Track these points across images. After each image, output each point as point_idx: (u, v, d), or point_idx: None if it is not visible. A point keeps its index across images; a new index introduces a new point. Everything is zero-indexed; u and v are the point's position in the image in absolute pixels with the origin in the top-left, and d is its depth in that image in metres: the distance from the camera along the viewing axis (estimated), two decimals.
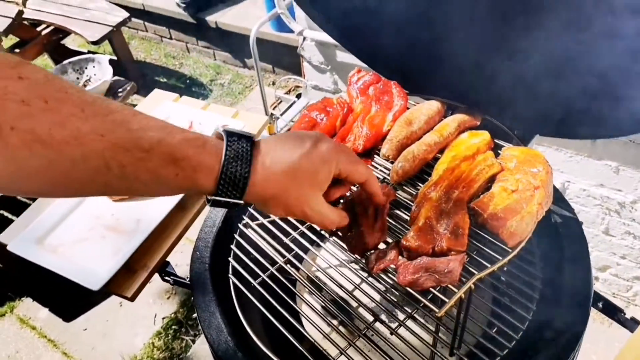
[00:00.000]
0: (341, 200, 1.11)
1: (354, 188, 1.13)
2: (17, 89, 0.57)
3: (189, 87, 4.69)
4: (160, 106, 1.91)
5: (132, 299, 1.36)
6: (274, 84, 4.49)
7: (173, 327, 2.84)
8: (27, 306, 3.05)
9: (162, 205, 1.52)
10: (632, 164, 1.95)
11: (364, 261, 1.04)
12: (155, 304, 2.97)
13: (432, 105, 1.29)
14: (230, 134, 0.75)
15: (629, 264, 2.31)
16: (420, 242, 0.98)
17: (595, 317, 2.35)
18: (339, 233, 1.10)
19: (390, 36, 1.36)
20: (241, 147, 0.74)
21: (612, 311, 1.17)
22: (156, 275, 1.49)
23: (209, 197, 0.75)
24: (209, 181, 0.72)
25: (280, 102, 4.03)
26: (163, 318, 2.89)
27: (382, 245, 1.06)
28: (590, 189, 2.14)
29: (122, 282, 1.38)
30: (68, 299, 3.00)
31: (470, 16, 1.20)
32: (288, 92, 4.30)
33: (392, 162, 1.20)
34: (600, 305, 1.18)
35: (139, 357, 2.71)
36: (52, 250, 1.46)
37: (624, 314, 1.15)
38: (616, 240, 2.26)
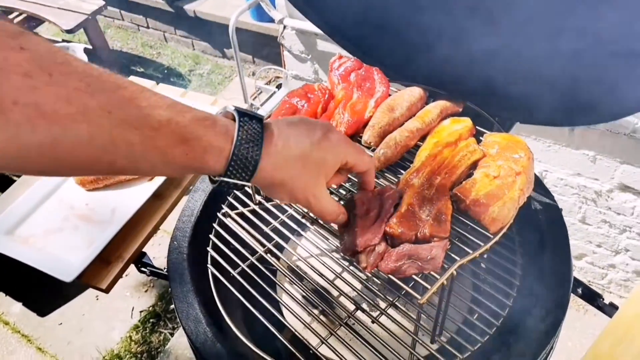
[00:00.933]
0: (341, 201, 1.10)
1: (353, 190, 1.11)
2: (19, 61, 0.53)
3: (167, 77, 4.61)
4: None
5: (106, 290, 1.32)
6: (254, 74, 4.44)
7: (151, 320, 2.79)
8: (0, 301, 2.96)
9: (138, 195, 1.48)
10: (608, 153, 1.98)
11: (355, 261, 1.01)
12: (133, 297, 2.92)
13: (414, 92, 1.28)
14: (242, 114, 0.73)
15: (605, 252, 2.36)
16: (403, 229, 0.96)
17: (571, 305, 2.39)
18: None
19: (373, 23, 1.35)
20: (253, 128, 0.72)
21: (591, 297, 1.19)
22: (133, 268, 1.45)
23: (214, 178, 0.73)
24: (219, 163, 0.70)
25: (261, 92, 3.98)
26: (141, 311, 2.85)
27: None
28: (568, 178, 2.17)
29: (96, 274, 1.34)
30: (42, 293, 2.93)
31: (452, 4, 1.19)
32: (268, 83, 4.26)
33: (373, 149, 1.18)
34: (579, 291, 1.19)
35: (116, 351, 2.67)
36: (23, 241, 1.41)
37: (603, 299, 1.17)
38: (592, 228, 2.30)
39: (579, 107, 1.19)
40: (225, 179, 0.72)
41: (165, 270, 1.30)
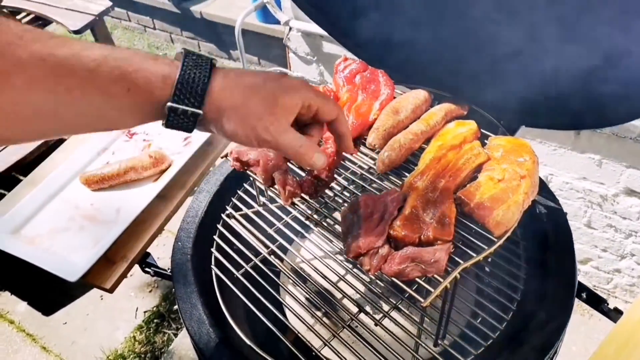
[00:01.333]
0: (345, 204, 1.09)
1: (358, 192, 1.11)
2: None
3: None
4: None
5: (110, 290, 1.32)
6: None
7: (155, 320, 2.80)
8: (5, 300, 2.98)
9: (142, 196, 1.49)
10: (614, 157, 1.97)
11: (358, 263, 1.01)
12: (137, 297, 2.93)
13: (419, 95, 1.27)
14: (189, 52, 0.72)
15: (610, 257, 2.34)
16: (406, 232, 0.96)
17: (576, 309, 2.38)
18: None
19: (379, 25, 1.35)
20: (200, 59, 0.71)
21: (596, 302, 1.18)
22: (138, 269, 1.46)
23: (167, 108, 0.69)
24: (165, 90, 0.68)
25: None
26: (145, 312, 2.85)
27: None
28: (573, 182, 2.16)
29: (101, 274, 1.34)
30: (47, 293, 2.95)
31: (459, 8, 1.19)
32: None
33: (378, 152, 1.19)
34: (584, 295, 1.18)
35: (120, 351, 2.67)
36: (29, 241, 1.42)
37: (607, 304, 1.16)
38: (598, 233, 2.28)
39: (585, 111, 1.18)
40: (173, 104, 0.68)
41: (169, 270, 1.31)
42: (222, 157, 1.24)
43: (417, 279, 0.96)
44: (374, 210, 1.03)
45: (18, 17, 4.08)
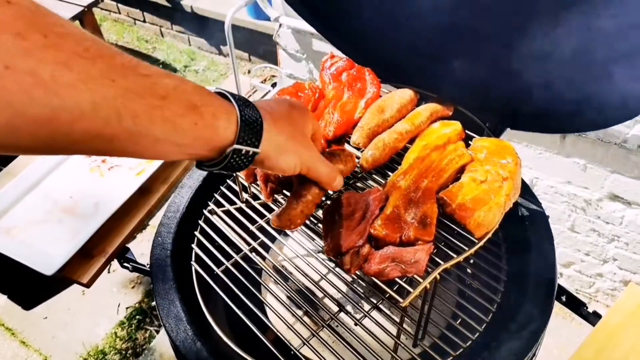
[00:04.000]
0: (328, 201, 1.08)
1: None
2: (8, 18, 0.46)
3: None
4: None
5: (87, 285, 1.30)
6: (249, 72, 4.42)
7: (137, 317, 2.77)
8: None
9: (123, 189, 1.46)
10: (599, 162, 1.98)
11: (338, 262, 0.99)
12: (119, 293, 2.89)
13: (405, 94, 1.27)
14: (225, 91, 0.71)
15: (593, 261, 2.36)
16: (387, 231, 0.95)
17: (558, 312, 2.39)
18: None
19: (368, 24, 1.34)
20: (239, 96, 0.70)
21: (575, 305, 1.18)
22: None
23: (231, 150, 0.67)
24: (229, 129, 0.66)
25: (256, 90, 3.94)
26: (127, 308, 2.82)
27: None
28: (558, 185, 2.17)
29: (78, 268, 1.32)
30: (27, 286, 2.90)
31: (446, 7, 1.18)
32: (264, 81, 4.24)
33: (362, 150, 1.17)
34: (563, 299, 1.19)
35: (100, 347, 2.64)
36: (5, 232, 1.39)
37: (587, 307, 1.16)
38: (581, 237, 2.30)
39: (570, 115, 1.18)
40: (238, 146, 0.67)
41: (149, 266, 1.29)
42: None
43: (398, 279, 0.95)
44: (356, 208, 1.02)
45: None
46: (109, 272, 2.98)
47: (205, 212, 1.32)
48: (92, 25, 4.15)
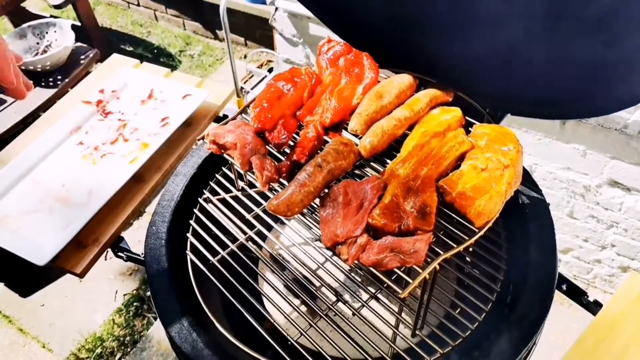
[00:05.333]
0: (326, 189, 1.06)
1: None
2: None
3: (156, 57, 4.51)
4: (119, 72, 1.80)
5: (81, 275, 1.28)
6: (245, 57, 4.36)
7: (134, 304, 2.76)
8: None
9: (116, 177, 1.43)
10: (599, 148, 1.96)
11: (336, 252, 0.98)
12: (117, 280, 2.88)
13: (404, 79, 1.24)
14: None
15: (591, 247, 2.35)
16: (386, 221, 0.93)
17: (556, 298, 2.39)
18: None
19: (364, 6, 1.30)
20: None
21: (576, 294, 1.17)
22: None
23: None
24: None
25: (252, 76, 3.90)
26: (124, 295, 2.81)
27: None
28: (557, 172, 2.15)
29: (72, 258, 1.30)
30: (24, 274, 2.89)
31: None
32: (260, 66, 4.18)
33: (360, 137, 1.15)
34: (564, 287, 1.17)
35: (98, 334, 2.63)
36: None
37: (587, 296, 1.15)
38: (580, 223, 2.29)
39: (571, 101, 1.16)
40: None
41: (143, 255, 1.27)
42: (199, 140, 1.20)
43: (397, 269, 0.93)
44: (354, 197, 1.00)
45: None
46: (105, 259, 2.96)
47: (201, 200, 1.30)
48: (85, 9, 4.07)
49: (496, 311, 1.06)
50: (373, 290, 1.12)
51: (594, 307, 1.12)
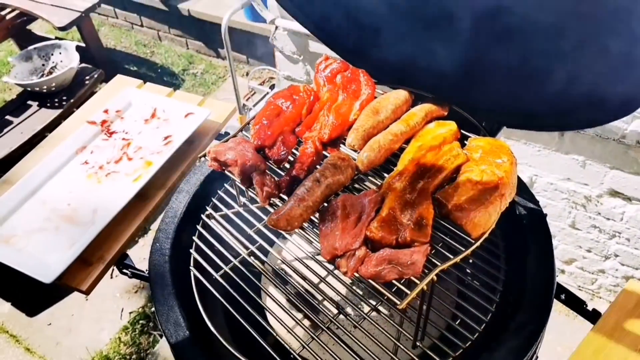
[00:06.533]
0: (325, 204, 1.08)
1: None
2: None
3: (160, 76, 4.58)
4: (122, 92, 1.84)
5: (87, 292, 1.30)
6: (247, 74, 4.42)
7: (140, 321, 2.76)
8: None
9: (120, 195, 1.46)
10: (598, 158, 1.97)
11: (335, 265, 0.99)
12: (122, 298, 2.89)
13: (400, 95, 1.26)
14: None
15: (594, 257, 2.35)
16: (383, 233, 0.95)
17: (561, 310, 2.38)
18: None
19: (360, 24, 1.33)
20: None
21: (575, 303, 1.18)
22: None
23: None
24: None
25: (254, 93, 3.94)
26: (130, 312, 2.82)
27: None
28: (558, 182, 2.16)
29: (77, 275, 1.32)
30: (31, 293, 2.91)
31: (441, 11, 1.18)
32: (262, 84, 4.23)
33: (358, 152, 1.17)
34: (563, 297, 1.18)
35: (105, 352, 2.64)
36: (4, 241, 1.39)
37: (587, 306, 1.16)
38: (582, 233, 2.29)
39: (565, 113, 1.18)
40: None
41: (147, 272, 1.29)
42: (200, 157, 1.23)
43: (396, 281, 0.95)
44: (352, 211, 1.02)
45: (3, 12, 4.02)
46: (111, 277, 2.98)
47: (203, 216, 1.32)
48: (89, 31, 4.15)
49: (496, 321, 1.07)
50: (374, 303, 1.13)
51: (593, 317, 1.13)
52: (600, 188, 2.07)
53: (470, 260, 1.19)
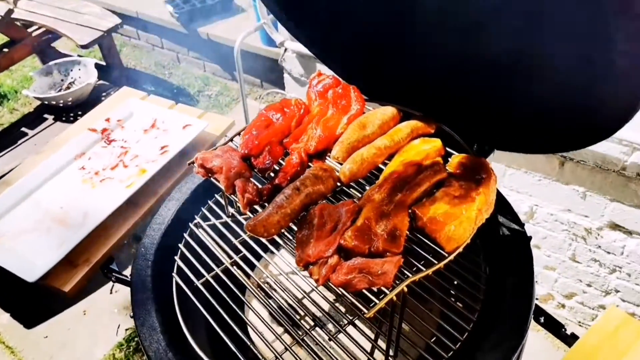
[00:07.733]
0: (304, 212, 1.09)
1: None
2: None
3: (176, 96, 4.68)
4: (125, 102, 1.89)
5: (69, 293, 1.31)
6: (260, 97, 4.49)
7: (135, 339, 2.74)
8: None
9: (112, 200, 1.48)
10: (598, 190, 1.94)
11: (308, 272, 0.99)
12: (120, 314, 2.88)
13: (387, 111, 1.28)
14: None
15: (595, 292, 2.29)
16: (356, 242, 0.95)
17: (552, 343, 2.32)
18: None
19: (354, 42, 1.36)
20: None
21: (554, 326, 1.14)
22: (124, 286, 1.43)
23: None
24: None
25: None
26: (126, 329, 2.80)
27: None
28: (558, 213, 2.13)
29: (62, 276, 1.33)
30: (30, 305, 2.91)
31: (435, 31, 1.20)
32: None
33: (342, 164, 1.18)
34: (542, 320, 1.15)
35: None
36: None
37: (565, 329, 1.12)
38: (582, 267, 2.24)
39: (556, 135, 1.17)
40: None
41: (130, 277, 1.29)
42: (189, 164, 1.25)
43: (368, 293, 0.93)
44: (328, 219, 1.02)
45: (29, 29, 4.19)
46: (111, 292, 2.98)
47: (191, 225, 1.33)
48: (109, 49, 4.30)
49: (472, 341, 1.04)
50: (351, 317, 1.12)
51: (571, 340, 1.09)
52: (600, 220, 2.03)
53: (456, 282, 1.17)
